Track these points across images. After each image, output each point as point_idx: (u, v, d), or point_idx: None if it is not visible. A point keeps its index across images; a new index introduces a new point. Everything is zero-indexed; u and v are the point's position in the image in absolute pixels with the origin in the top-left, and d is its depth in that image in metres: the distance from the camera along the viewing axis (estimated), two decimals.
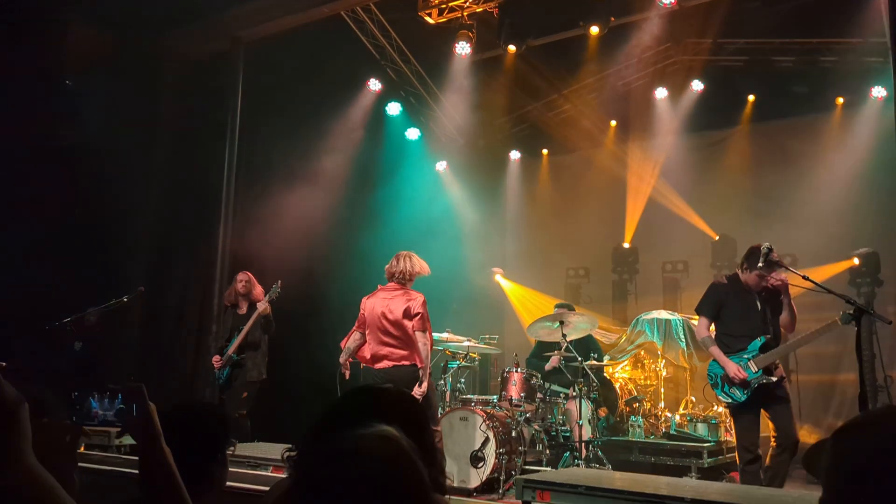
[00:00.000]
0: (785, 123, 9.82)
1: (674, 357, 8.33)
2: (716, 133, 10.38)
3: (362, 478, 1.09)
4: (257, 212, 7.82)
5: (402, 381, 5.56)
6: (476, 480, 6.03)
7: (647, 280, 10.75)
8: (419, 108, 10.62)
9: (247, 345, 6.59)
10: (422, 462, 1.20)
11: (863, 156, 8.76)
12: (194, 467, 1.94)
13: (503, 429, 6.21)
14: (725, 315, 5.31)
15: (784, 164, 9.68)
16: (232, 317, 6.82)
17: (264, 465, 4.91)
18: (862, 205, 8.32)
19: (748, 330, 5.17)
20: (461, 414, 6.38)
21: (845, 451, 1.23)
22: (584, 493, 3.97)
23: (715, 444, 7.09)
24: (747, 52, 9.44)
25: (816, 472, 1.30)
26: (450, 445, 6.26)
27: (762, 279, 5.14)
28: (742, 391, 5.06)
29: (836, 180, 8.94)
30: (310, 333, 7.63)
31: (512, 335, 11.08)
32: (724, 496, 3.88)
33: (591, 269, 11.23)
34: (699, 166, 10.30)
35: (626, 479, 4.79)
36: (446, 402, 6.89)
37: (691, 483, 5.52)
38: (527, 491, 4.18)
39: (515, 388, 6.50)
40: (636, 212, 10.64)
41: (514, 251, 12.17)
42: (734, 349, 5.18)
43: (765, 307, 5.20)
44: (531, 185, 12.11)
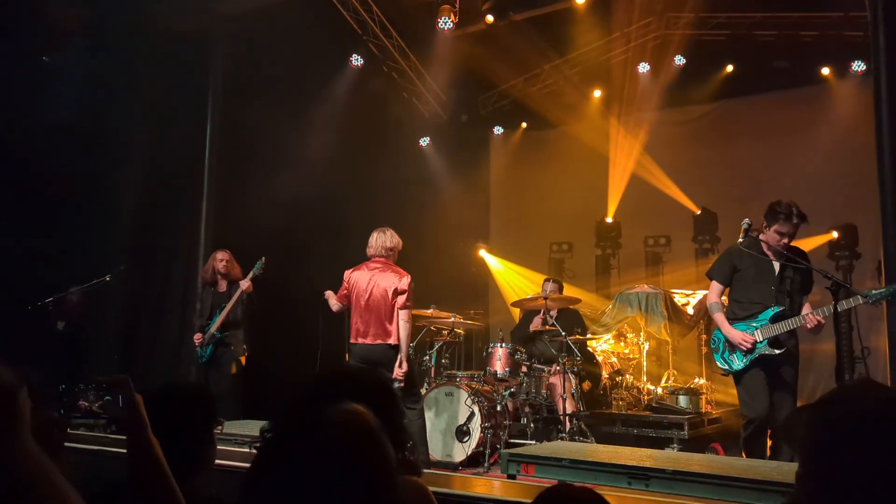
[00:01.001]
0: (766, 98, 9.88)
1: (656, 330, 8.43)
2: (698, 107, 10.42)
3: (326, 451, 1.11)
4: (239, 188, 7.76)
5: (381, 359, 5.58)
6: (461, 454, 6.10)
7: (629, 254, 10.83)
8: (402, 83, 10.55)
9: (229, 323, 6.59)
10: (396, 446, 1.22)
11: (842, 129, 8.83)
12: (183, 447, 1.96)
13: (488, 403, 6.28)
14: (738, 280, 4.99)
15: (765, 137, 9.75)
16: (211, 295, 6.79)
17: (250, 442, 4.92)
18: (841, 178, 8.41)
19: (761, 297, 4.85)
20: (446, 389, 6.44)
21: (822, 424, 1.25)
22: (568, 466, 4.03)
23: (696, 415, 7.20)
24: (729, 26, 9.44)
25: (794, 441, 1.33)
26: (435, 420, 6.33)
27: (782, 237, 4.74)
28: (741, 358, 4.83)
29: (815, 154, 9.03)
30: (294, 310, 7.63)
31: (496, 310, 11.16)
32: (705, 467, 3.96)
33: (574, 243, 11.28)
34: (681, 140, 10.35)
35: (609, 452, 4.86)
36: (431, 378, 6.94)
37: (673, 455, 5.63)
38: (512, 464, 4.23)
39: (500, 362, 6.57)
40: (619, 186, 10.68)
41: (497, 226, 12.22)
42: (742, 317, 4.90)
43: (783, 274, 4.84)
44: (514, 159, 12.11)
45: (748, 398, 4.82)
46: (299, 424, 1.19)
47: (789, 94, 9.64)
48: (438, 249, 9.84)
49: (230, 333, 6.59)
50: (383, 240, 5.84)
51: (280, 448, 1.17)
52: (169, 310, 7.88)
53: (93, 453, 4.08)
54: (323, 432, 1.15)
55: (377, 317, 5.64)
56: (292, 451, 1.13)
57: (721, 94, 10.15)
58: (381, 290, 5.67)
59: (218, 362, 6.60)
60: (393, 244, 5.85)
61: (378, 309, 5.64)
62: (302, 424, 1.19)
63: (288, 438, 1.18)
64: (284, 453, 1.15)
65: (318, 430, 1.16)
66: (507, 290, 11.22)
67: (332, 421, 1.17)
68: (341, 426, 1.16)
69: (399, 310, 5.63)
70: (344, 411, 1.19)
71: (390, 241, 5.84)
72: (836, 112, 9.06)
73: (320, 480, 1.09)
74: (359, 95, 9.44)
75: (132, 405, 1.68)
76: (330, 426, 1.16)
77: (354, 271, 5.84)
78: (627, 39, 10.15)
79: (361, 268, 5.83)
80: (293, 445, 1.15)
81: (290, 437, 1.18)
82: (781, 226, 4.71)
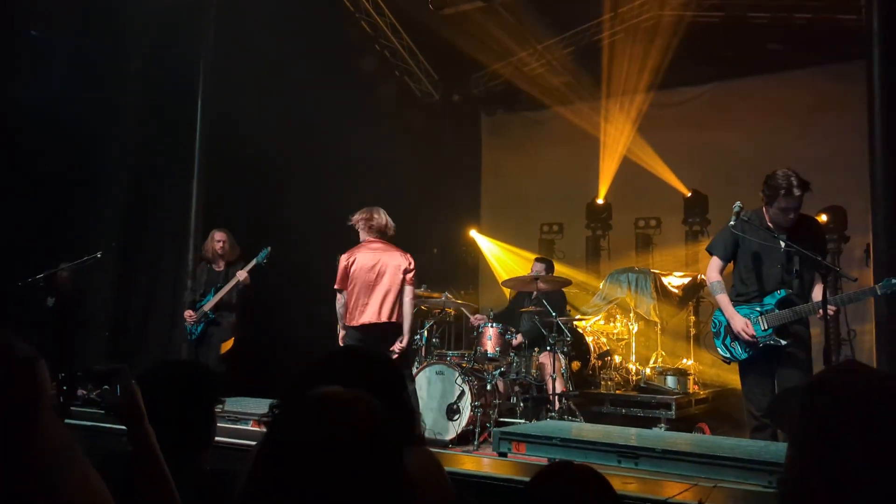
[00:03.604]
0: (758, 80, 9.90)
1: (645, 311, 8.49)
2: (690, 89, 10.43)
3: (326, 435, 1.12)
4: (231, 166, 7.72)
5: (386, 337, 5.62)
6: (452, 433, 6.15)
7: (620, 235, 10.88)
8: (394, 62, 10.49)
9: (222, 305, 6.59)
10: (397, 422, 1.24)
11: (832, 113, 8.87)
12: (186, 425, 1.98)
13: (478, 382, 6.32)
14: (741, 257, 4.52)
15: (756, 120, 9.78)
16: (207, 272, 6.78)
17: (245, 419, 4.96)
18: (831, 161, 8.44)
19: (766, 278, 4.41)
20: (437, 368, 6.47)
21: (811, 406, 1.27)
22: (559, 445, 4.08)
23: (683, 395, 7.28)
24: (722, 7, 9.42)
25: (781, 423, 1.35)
26: (426, 399, 6.37)
27: (786, 213, 4.27)
28: (744, 348, 4.43)
29: (806, 137, 9.08)
30: (289, 292, 7.64)
31: (487, 290, 11.21)
32: (692, 447, 4.02)
33: (564, 224, 11.32)
34: (673, 123, 10.37)
35: (598, 431, 4.93)
36: (422, 357, 6.98)
37: (661, 434, 5.70)
38: (503, 443, 4.28)
39: (491, 342, 6.61)
40: (610, 168, 10.69)
41: (488, 207, 12.23)
42: (747, 298, 4.49)
43: (792, 253, 4.33)
44: (506, 140, 12.11)
45: (750, 392, 4.45)
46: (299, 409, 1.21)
47: (781, 77, 9.65)
48: (430, 229, 9.84)
49: (223, 315, 6.60)
50: (382, 218, 5.83)
51: (286, 428, 1.19)
52: (161, 287, 7.86)
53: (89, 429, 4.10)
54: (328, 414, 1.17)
55: (385, 296, 5.64)
56: (297, 433, 1.15)
57: (713, 76, 10.16)
58: (391, 268, 5.67)
59: (208, 341, 6.61)
60: (391, 226, 5.86)
61: (387, 288, 5.65)
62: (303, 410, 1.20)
63: (293, 419, 1.20)
64: (289, 434, 1.17)
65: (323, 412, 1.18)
66: (497, 271, 11.25)
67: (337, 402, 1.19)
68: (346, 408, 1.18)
69: (407, 286, 5.69)
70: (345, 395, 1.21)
71: (388, 222, 5.85)
72: (827, 96, 9.08)
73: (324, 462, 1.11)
74: (351, 74, 9.39)
75: (130, 395, 1.68)
76: (334, 408, 1.18)
77: (354, 253, 5.77)
78: (621, 20, 10.10)
79: (361, 248, 5.77)
80: (298, 426, 1.17)
81: (295, 417, 1.20)
82: (784, 201, 4.24)
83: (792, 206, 4.26)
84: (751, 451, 3.77)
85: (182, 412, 1.96)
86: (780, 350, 4.34)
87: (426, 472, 1.81)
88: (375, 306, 5.65)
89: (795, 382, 4.21)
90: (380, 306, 5.65)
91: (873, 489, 1.15)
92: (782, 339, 4.33)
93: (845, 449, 1.17)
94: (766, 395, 4.38)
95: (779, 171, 4.31)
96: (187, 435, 1.97)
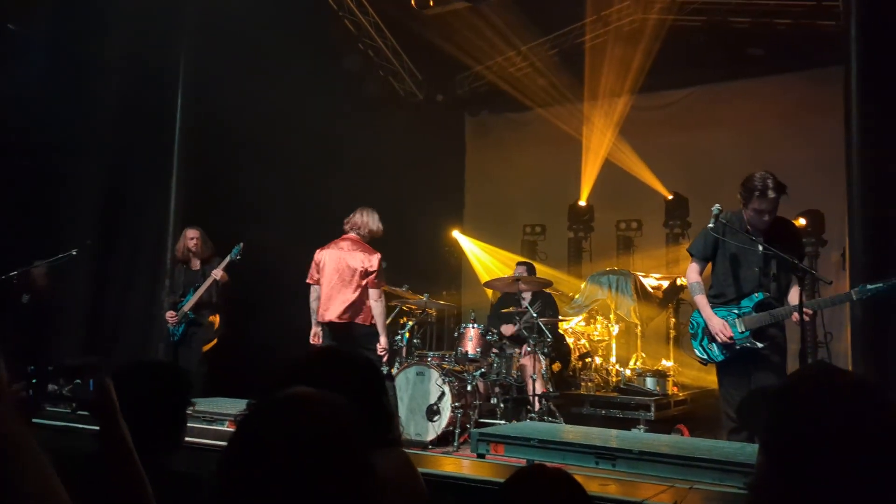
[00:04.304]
0: (739, 85, 9.97)
1: (625, 313, 8.53)
2: (672, 93, 10.49)
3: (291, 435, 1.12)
4: (210, 164, 7.65)
5: (353, 338, 5.62)
6: (432, 434, 6.14)
7: (601, 237, 10.92)
8: (378, 61, 10.46)
9: (202, 304, 6.54)
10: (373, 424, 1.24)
11: (812, 118, 8.95)
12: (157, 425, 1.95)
13: (459, 383, 6.32)
14: (720, 259, 4.57)
15: (737, 124, 9.85)
16: (184, 272, 6.73)
17: (220, 419, 4.92)
18: (809, 165, 8.52)
19: (743, 280, 4.46)
20: (418, 369, 6.47)
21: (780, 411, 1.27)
22: (537, 446, 4.08)
23: (663, 397, 7.32)
24: (705, 12, 9.48)
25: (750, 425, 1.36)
26: (406, 400, 6.36)
27: (761, 215, 4.33)
28: (721, 350, 4.46)
29: (786, 141, 9.16)
30: (268, 289, 7.59)
31: (469, 291, 11.21)
32: (670, 448, 4.03)
33: (547, 226, 11.35)
34: (655, 125, 10.42)
35: (577, 433, 4.94)
36: (402, 358, 6.96)
37: (639, 436, 5.72)
38: (482, 444, 4.28)
39: (472, 343, 6.61)
40: (592, 170, 10.73)
41: (471, 207, 12.22)
42: (724, 300, 4.53)
43: (769, 256, 4.39)
44: (489, 141, 12.11)
45: (727, 394, 4.48)
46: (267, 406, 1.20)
47: (762, 82, 9.73)
48: (412, 229, 9.82)
49: (203, 314, 6.55)
50: (370, 221, 5.84)
51: (252, 428, 1.18)
52: (137, 285, 7.77)
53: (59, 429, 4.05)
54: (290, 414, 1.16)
55: (346, 295, 5.67)
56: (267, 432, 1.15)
57: (695, 80, 10.23)
58: (350, 268, 5.70)
59: (189, 341, 6.58)
60: (376, 228, 5.87)
61: (346, 288, 5.66)
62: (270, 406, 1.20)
63: (259, 419, 1.19)
64: (256, 434, 1.16)
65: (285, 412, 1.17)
66: (480, 271, 11.26)
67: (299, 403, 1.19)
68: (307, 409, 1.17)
69: (370, 289, 5.67)
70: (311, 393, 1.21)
71: (374, 225, 5.86)
72: (806, 100, 9.17)
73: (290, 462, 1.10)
74: (334, 72, 9.35)
75: (104, 390, 1.66)
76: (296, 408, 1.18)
77: (324, 250, 5.86)
78: (604, 23, 10.15)
79: (331, 246, 5.86)
80: (264, 426, 1.16)
81: (262, 417, 1.19)
82: (758, 202, 4.29)
83: (766, 208, 4.30)
84: (727, 452, 3.79)
85: (152, 413, 1.94)
86: (757, 353, 4.37)
87: (399, 474, 1.80)
88: (335, 305, 5.69)
89: (769, 385, 4.27)
90: (336, 305, 5.67)
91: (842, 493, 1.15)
92: (759, 341, 4.36)
93: (815, 453, 1.18)
94: (740, 397, 4.38)
95: (756, 174, 4.35)
96: (157, 436, 1.95)
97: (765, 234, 4.40)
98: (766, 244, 4.30)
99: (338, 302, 5.69)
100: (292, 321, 6.73)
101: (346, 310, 5.67)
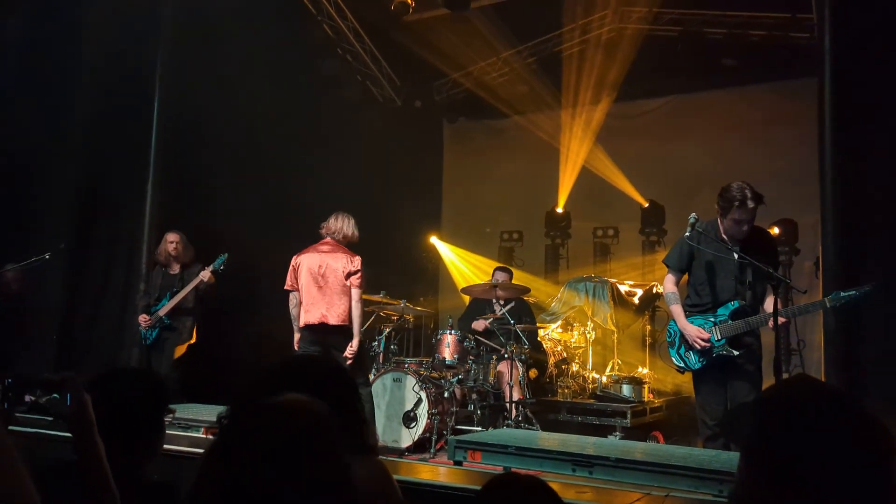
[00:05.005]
0: (714, 95, 10.11)
1: (602, 320, 8.58)
2: (648, 102, 10.60)
3: (271, 442, 1.12)
4: (186, 169, 7.57)
5: (334, 341, 5.60)
6: (408, 440, 6.12)
7: (578, 244, 10.99)
8: (356, 66, 10.44)
9: (179, 309, 6.46)
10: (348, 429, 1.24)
11: (785, 128, 9.09)
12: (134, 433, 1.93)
13: (436, 390, 6.31)
14: (696, 268, 4.59)
15: (712, 133, 9.98)
16: (162, 276, 6.65)
17: (196, 426, 4.86)
18: (783, 175, 8.64)
19: (721, 289, 4.48)
20: (394, 375, 6.44)
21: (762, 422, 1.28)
22: (514, 454, 4.07)
23: (639, 404, 7.36)
24: (681, 22, 9.59)
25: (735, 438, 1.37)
26: (383, 406, 6.33)
27: (739, 225, 4.35)
28: (698, 358, 4.49)
29: (759, 150, 9.29)
30: (244, 296, 7.53)
31: (446, 297, 11.21)
32: (646, 455, 4.05)
33: (524, 232, 11.39)
34: (631, 134, 10.52)
35: (554, 440, 4.94)
36: (380, 364, 6.94)
37: (615, 443, 5.74)
38: (459, 451, 4.26)
39: (449, 349, 6.60)
40: (569, 177, 10.80)
41: (449, 213, 12.24)
42: (701, 309, 4.56)
43: (745, 265, 4.41)
44: (467, 147, 12.15)
45: (704, 401, 4.52)
46: (253, 413, 1.19)
47: (736, 92, 9.87)
48: (390, 235, 9.80)
49: (179, 319, 6.47)
50: (345, 226, 5.83)
51: (234, 436, 1.17)
52: (111, 290, 7.66)
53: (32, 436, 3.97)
54: (275, 422, 1.16)
55: (330, 298, 5.65)
56: (245, 440, 1.14)
57: (671, 89, 10.34)
58: (332, 271, 5.68)
59: (162, 346, 6.49)
60: (352, 234, 5.86)
61: (331, 291, 5.65)
62: (256, 413, 1.19)
63: (242, 427, 1.18)
64: (238, 442, 1.15)
65: (271, 420, 1.16)
66: (457, 277, 11.26)
67: (285, 411, 1.18)
68: (293, 417, 1.17)
69: (353, 289, 5.67)
70: (294, 402, 1.20)
71: (350, 231, 5.85)
72: (780, 112, 9.30)
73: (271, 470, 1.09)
74: (312, 77, 9.31)
75: (81, 404, 1.65)
76: (282, 416, 1.17)
77: (302, 254, 5.84)
78: (582, 31, 10.22)
79: (309, 250, 5.84)
80: (246, 434, 1.15)
81: (244, 425, 1.18)
82: (737, 212, 4.31)
83: (745, 217, 4.33)
84: (702, 460, 3.81)
85: (130, 421, 1.91)
86: (733, 361, 4.41)
87: (375, 482, 1.80)
88: (318, 308, 5.66)
89: (746, 393, 4.35)
90: (322, 308, 5.65)
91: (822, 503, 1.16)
92: (735, 349, 4.40)
93: (797, 463, 1.19)
94: (719, 405, 4.45)
95: (734, 184, 4.38)
96: (134, 444, 1.93)
97: (741, 242, 4.43)
98: (743, 253, 4.32)
99: (320, 304, 5.66)
100: (267, 326, 6.69)
101: (328, 311, 5.64)
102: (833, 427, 1.20)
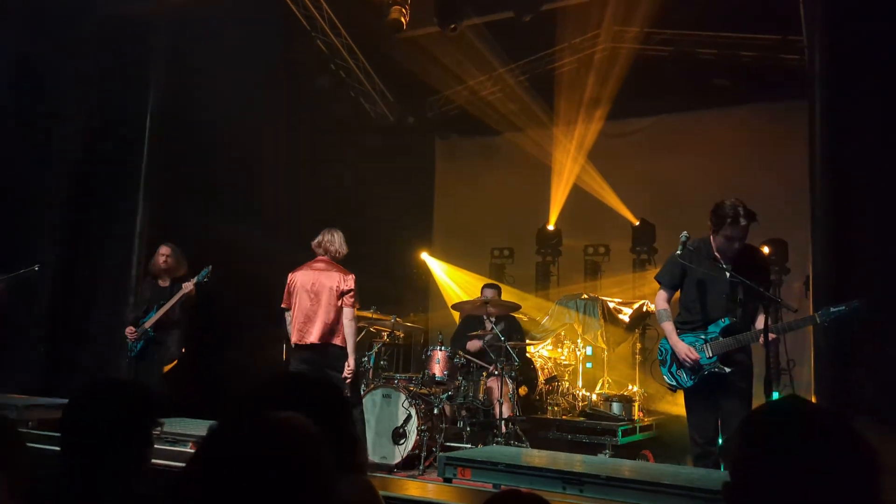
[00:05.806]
0: (705, 114, 10.18)
1: (592, 338, 8.57)
2: (640, 120, 10.66)
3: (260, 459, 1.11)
4: (177, 182, 7.55)
5: (328, 360, 5.57)
6: (397, 457, 6.09)
7: (569, 262, 10.99)
8: (349, 82, 10.48)
9: (166, 321, 6.41)
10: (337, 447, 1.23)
11: (775, 148, 9.16)
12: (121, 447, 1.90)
13: (425, 406, 6.28)
14: (687, 286, 4.59)
15: (703, 152, 10.02)
16: (151, 288, 6.60)
17: (183, 441, 4.82)
18: (773, 195, 8.69)
19: (711, 307, 4.48)
20: (384, 391, 6.42)
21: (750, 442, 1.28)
22: (504, 471, 4.05)
23: (629, 422, 7.34)
24: (672, 42, 9.68)
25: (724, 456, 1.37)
26: (372, 422, 6.30)
27: (731, 242, 4.37)
28: (689, 376, 4.47)
29: (749, 170, 9.33)
30: (235, 310, 7.49)
31: (437, 314, 11.18)
32: (636, 473, 4.04)
33: (515, 249, 11.40)
34: (623, 152, 10.58)
35: (544, 457, 4.92)
36: (369, 380, 6.90)
37: (605, 461, 5.72)
38: (448, 468, 4.24)
39: (439, 366, 6.58)
40: (561, 194, 10.83)
41: (440, 230, 12.24)
42: (692, 326, 4.55)
43: (736, 283, 4.37)
44: (459, 164, 12.17)
45: (695, 419, 4.52)
46: (239, 430, 1.18)
47: (727, 112, 9.94)
48: (381, 251, 9.80)
49: (166, 332, 6.42)
50: (334, 242, 5.82)
51: (216, 451, 1.15)
52: (100, 302, 7.62)
53: None
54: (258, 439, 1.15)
55: (323, 317, 5.62)
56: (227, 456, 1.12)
57: (662, 108, 10.40)
58: (326, 289, 5.66)
59: (149, 358, 6.43)
60: (342, 249, 5.85)
61: (324, 309, 5.62)
62: (241, 430, 1.18)
63: (225, 443, 1.17)
64: (219, 457, 1.13)
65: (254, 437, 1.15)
66: (448, 294, 11.25)
67: (269, 428, 1.17)
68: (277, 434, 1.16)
69: (345, 308, 5.64)
70: (283, 419, 1.19)
71: (340, 246, 5.84)
72: (771, 131, 9.38)
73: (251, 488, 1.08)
74: (305, 92, 9.33)
75: None
76: (266, 433, 1.16)
77: (297, 272, 5.81)
78: (575, 50, 10.29)
79: (304, 268, 5.83)
80: (230, 450, 1.14)
81: (228, 441, 1.17)
82: (730, 229, 4.32)
83: (737, 235, 4.34)
84: (692, 478, 3.81)
85: (117, 430, 1.89)
86: (724, 378, 4.40)
87: (362, 500, 1.79)
88: (310, 327, 5.64)
89: (737, 411, 4.32)
90: (314, 327, 5.63)
91: None
92: (726, 366, 4.40)
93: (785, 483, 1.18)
94: (709, 423, 4.44)
95: (726, 201, 4.39)
96: (122, 457, 1.90)
97: (733, 260, 4.42)
98: (734, 271, 4.32)
99: (312, 322, 5.62)
100: (260, 341, 6.65)
101: (324, 330, 5.61)
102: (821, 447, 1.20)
